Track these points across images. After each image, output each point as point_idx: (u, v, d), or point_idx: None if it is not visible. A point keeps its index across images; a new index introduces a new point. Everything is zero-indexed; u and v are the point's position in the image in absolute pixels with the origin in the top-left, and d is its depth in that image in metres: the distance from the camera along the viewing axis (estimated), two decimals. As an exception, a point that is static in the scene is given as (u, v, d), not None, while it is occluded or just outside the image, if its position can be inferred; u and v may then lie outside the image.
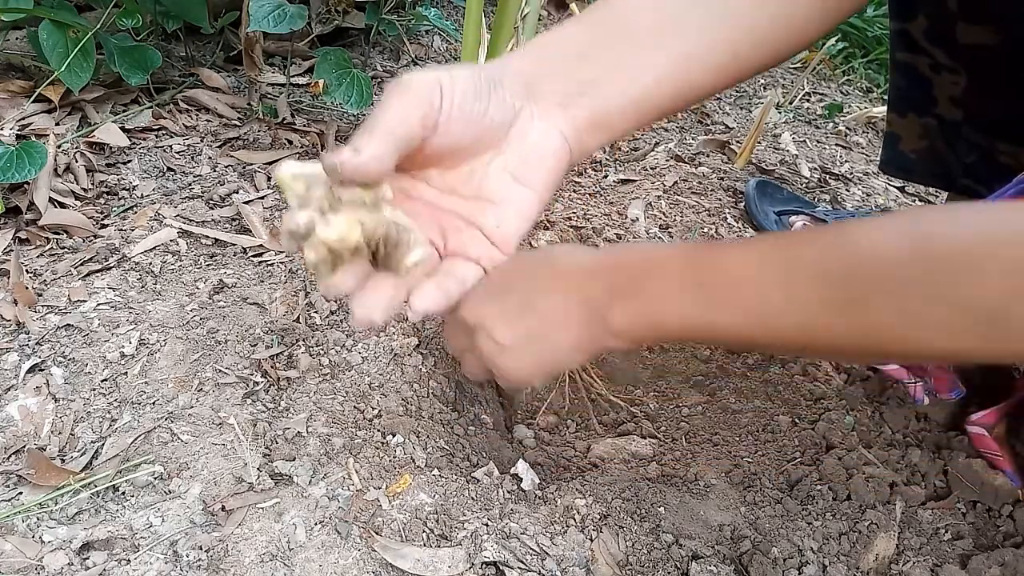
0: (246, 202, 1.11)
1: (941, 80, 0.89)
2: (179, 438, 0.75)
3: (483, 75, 0.52)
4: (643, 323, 0.53)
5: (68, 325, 0.87)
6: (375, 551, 0.66)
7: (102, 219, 1.05)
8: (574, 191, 1.27)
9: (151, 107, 1.25)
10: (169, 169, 1.16)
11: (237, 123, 1.29)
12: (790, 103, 1.78)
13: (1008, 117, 0.86)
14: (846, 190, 1.44)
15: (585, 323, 0.54)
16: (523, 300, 0.55)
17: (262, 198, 1.13)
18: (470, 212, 0.55)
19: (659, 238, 1.16)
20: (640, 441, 0.84)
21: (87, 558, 0.65)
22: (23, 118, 1.14)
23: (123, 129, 1.18)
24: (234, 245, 1.02)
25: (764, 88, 1.86)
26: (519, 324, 0.55)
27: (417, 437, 0.78)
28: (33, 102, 1.15)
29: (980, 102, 0.88)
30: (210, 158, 1.20)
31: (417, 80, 0.48)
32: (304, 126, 1.30)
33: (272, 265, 0.99)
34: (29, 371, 0.81)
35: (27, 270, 0.94)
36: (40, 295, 0.91)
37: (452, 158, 0.53)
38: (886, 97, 1.18)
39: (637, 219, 1.20)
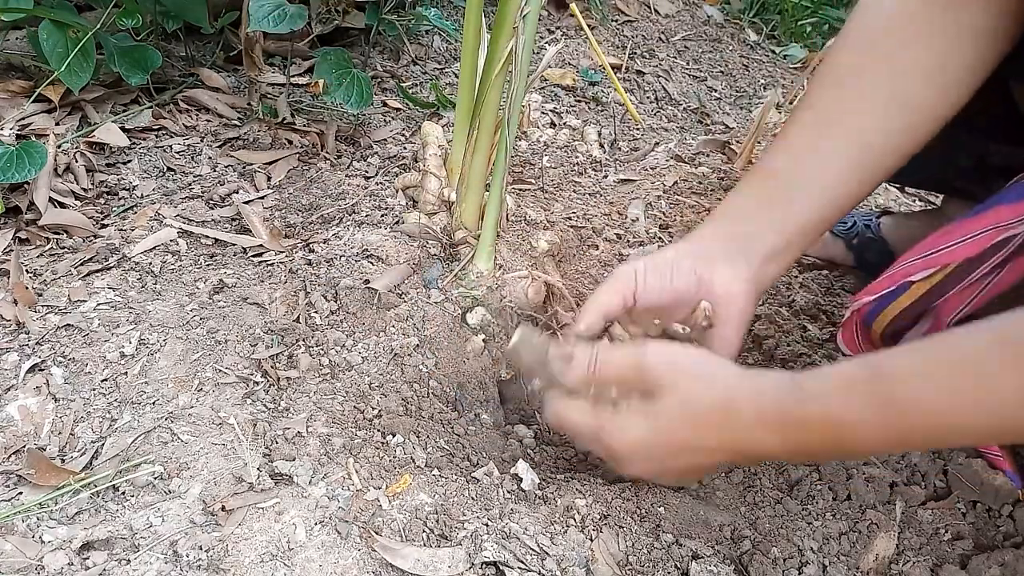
0: (246, 202, 1.11)
1: None
2: (179, 438, 0.75)
3: (668, 259, 0.72)
4: (797, 454, 0.71)
5: (68, 325, 0.87)
6: (375, 551, 0.66)
7: (102, 219, 1.05)
8: (574, 191, 1.27)
9: (151, 107, 1.25)
10: (169, 169, 1.16)
11: (237, 123, 1.29)
12: (790, 103, 1.78)
13: (998, 119, 0.86)
14: (846, 190, 1.44)
15: (730, 457, 0.63)
16: (670, 453, 0.63)
17: (262, 198, 1.13)
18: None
19: (659, 238, 1.16)
20: (640, 441, 0.84)
21: (87, 558, 0.65)
22: (23, 118, 1.14)
23: (123, 129, 1.18)
24: (234, 245, 1.02)
25: (764, 88, 1.86)
26: (662, 466, 0.65)
27: (417, 437, 0.78)
28: (33, 102, 1.15)
29: (970, 104, 0.88)
30: (210, 158, 1.20)
31: (620, 269, 0.72)
32: (304, 126, 1.30)
33: (272, 265, 0.99)
34: (29, 371, 0.81)
35: (27, 270, 0.94)
36: (40, 295, 0.91)
37: (656, 315, 0.74)
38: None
39: (637, 219, 1.20)
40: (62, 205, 1.04)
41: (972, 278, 0.67)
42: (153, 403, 0.79)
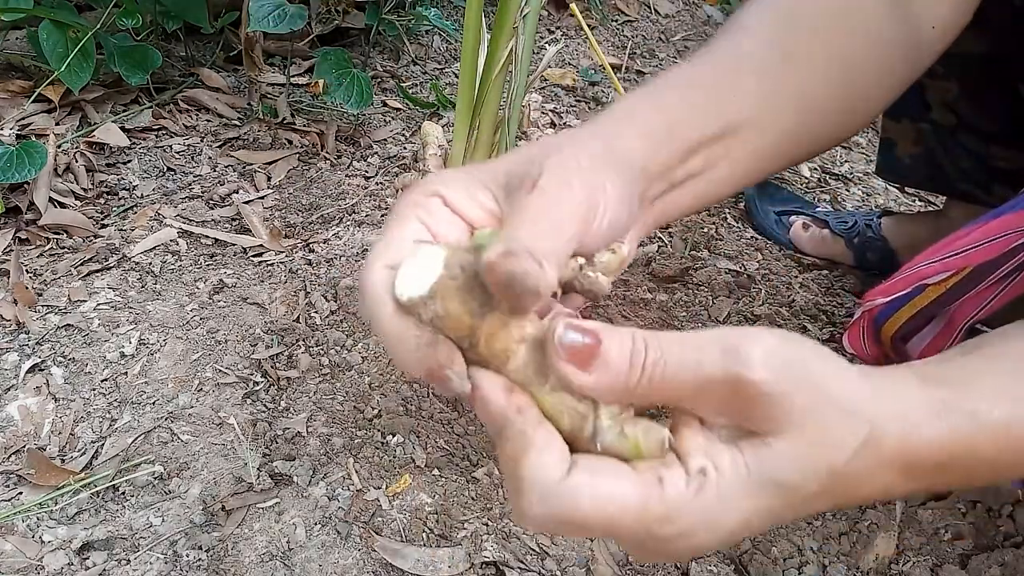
0: (246, 202, 1.11)
1: (935, 85, 0.89)
2: (179, 438, 0.75)
3: (620, 170, 0.44)
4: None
5: (68, 325, 0.87)
6: (375, 551, 0.66)
7: (102, 219, 1.05)
8: (574, 191, 1.27)
9: (151, 107, 1.25)
10: (169, 169, 1.16)
11: (237, 123, 1.29)
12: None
13: (1001, 123, 0.86)
14: (846, 190, 1.44)
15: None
16: (760, 528, 0.39)
17: (262, 198, 1.13)
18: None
19: (659, 238, 1.16)
20: (640, 441, 0.84)
21: (87, 558, 0.65)
22: (23, 118, 1.14)
23: (123, 129, 1.18)
24: (234, 245, 1.02)
25: (764, 88, 1.86)
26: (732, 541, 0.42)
27: (417, 437, 0.78)
28: (33, 102, 1.15)
29: (974, 108, 0.88)
30: (210, 158, 1.20)
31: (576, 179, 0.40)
32: (304, 126, 1.30)
33: (272, 265, 0.99)
34: (29, 371, 0.81)
35: (27, 270, 0.94)
36: (40, 295, 0.91)
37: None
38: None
39: (637, 219, 1.19)
40: (62, 205, 1.04)
41: (987, 282, 0.67)
42: (153, 403, 0.79)
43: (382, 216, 1.05)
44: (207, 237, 1.03)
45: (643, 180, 0.48)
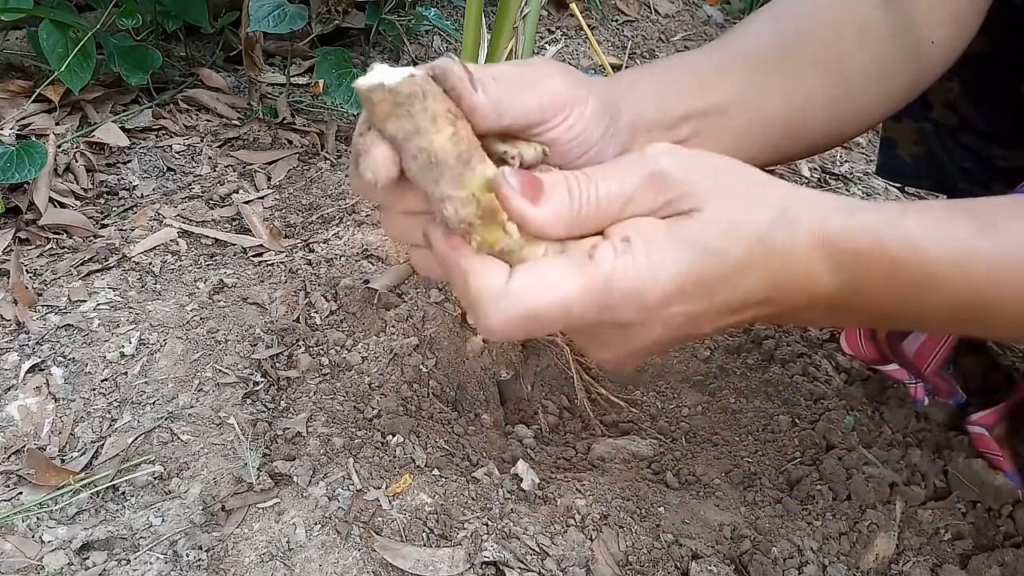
0: (246, 202, 1.11)
1: (936, 85, 0.89)
2: (179, 438, 0.75)
3: (609, 105, 0.48)
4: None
5: (68, 325, 0.87)
6: (375, 551, 0.66)
7: (102, 219, 1.05)
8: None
9: (151, 107, 1.25)
10: (169, 169, 1.16)
11: (237, 123, 1.29)
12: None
13: (1002, 122, 0.86)
14: (846, 190, 1.44)
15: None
16: (686, 329, 0.44)
17: (262, 198, 1.13)
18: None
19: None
20: (640, 441, 0.84)
21: (87, 558, 0.65)
22: (23, 118, 1.14)
23: (123, 129, 1.18)
24: (234, 245, 1.02)
25: (764, 88, 1.86)
26: (695, 329, 0.45)
27: (417, 437, 0.78)
28: (33, 102, 1.15)
29: (975, 108, 0.88)
30: (210, 158, 1.20)
31: (564, 76, 0.45)
32: (304, 126, 1.30)
33: (272, 265, 0.99)
34: (29, 371, 0.81)
35: (27, 270, 0.94)
36: (40, 295, 0.91)
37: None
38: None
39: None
40: (62, 205, 1.04)
41: None
42: (153, 403, 0.79)
43: (382, 216, 1.05)
44: (207, 237, 1.03)
45: (628, 130, 0.51)
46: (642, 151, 0.41)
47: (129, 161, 1.16)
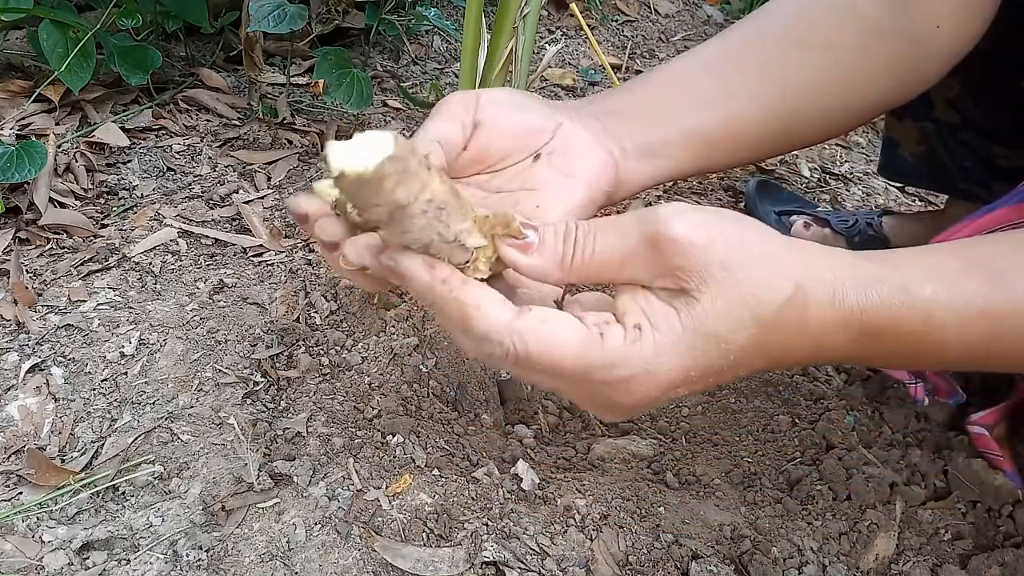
0: (246, 202, 1.11)
1: (938, 84, 0.89)
2: (179, 438, 0.75)
3: (521, 94, 0.54)
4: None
5: (68, 325, 0.87)
6: (375, 551, 0.66)
7: (102, 219, 1.05)
8: (574, 191, 1.27)
9: (151, 107, 1.25)
10: (169, 169, 1.16)
11: (237, 123, 1.29)
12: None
13: (1005, 122, 0.86)
14: (846, 190, 1.44)
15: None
16: (699, 387, 0.43)
17: (262, 198, 1.13)
18: (513, 201, 0.52)
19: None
20: (640, 441, 0.84)
21: (87, 558, 0.65)
22: (23, 118, 1.14)
23: (123, 129, 1.18)
24: (234, 245, 1.02)
25: (764, 88, 1.86)
26: (673, 396, 0.44)
27: (417, 437, 0.78)
28: (33, 102, 1.15)
29: (977, 107, 0.88)
30: (210, 158, 1.20)
31: (456, 95, 0.51)
32: (304, 126, 1.30)
33: (272, 265, 0.99)
34: (29, 371, 0.81)
35: (27, 270, 0.94)
36: (40, 295, 0.91)
37: (496, 160, 0.53)
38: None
39: (637, 219, 1.19)
40: (62, 205, 1.04)
41: None
42: (153, 403, 0.79)
43: (382, 216, 1.05)
44: (207, 237, 1.03)
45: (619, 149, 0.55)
46: (653, 210, 0.39)
47: (129, 161, 1.16)
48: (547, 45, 1.73)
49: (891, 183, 1.47)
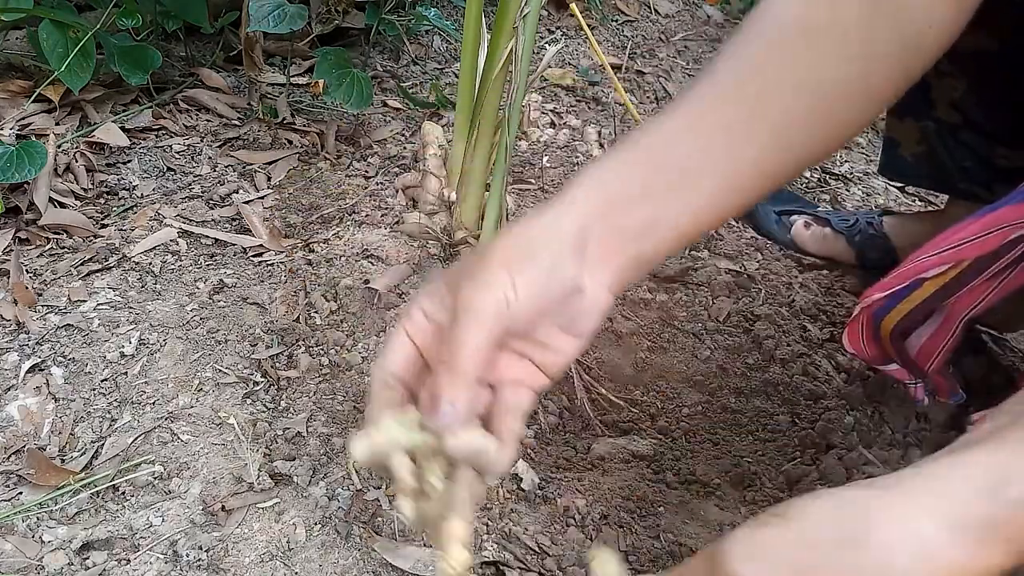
0: (246, 202, 1.11)
1: (940, 84, 0.89)
2: (179, 438, 0.75)
3: (546, 267, 0.50)
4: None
5: (68, 325, 0.87)
6: (375, 551, 0.66)
7: (102, 219, 1.05)
8: (574, 191, 1.27)
9: (151, 107, 1.25)
10: (169, 169, 1.16)
11: (237, 123, 1.29)
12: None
13: (1006, 122, 0.86)
14: (846, 190, 1.44)
15: None
16: None
17: (262, 198, 1.13)
18: (521, 349, 0.53)
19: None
20: (640, 441, 0.84)
21: (87, 558, 0.65)
22: (23, 118, 1.14)
23: (123, 129, 1.18)
24: (234, 245, 1.02)
25: (764, 88, 1.86)
26: None
27: (417, 437, 0.78)
28: (33, 102, 1.15)
29: (979, 107, 0.88)
30: (210, 158, 1.20)
31: (483, 300, 0.47)
32: (304, 126, 1.30)
33: (272, 265, 0.99)
34: (29, 371, 0.81)
35: (27, 270, 0.94)
36: (40, 295, 0.91)
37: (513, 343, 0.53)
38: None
39: (637, 219, 1.19)
40: (62, 205, 1.04)
41: (984, 276, 0.67)
42: (153, 403, 0.79)
43: (382, 216, 1.05)
44: (207, 237, 1.03)
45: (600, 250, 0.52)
46: (719, 546, 0.36)
47: (129, 161, 1.16)
48: (547, 45, 1.73)
49: (891, 183, 1.47)
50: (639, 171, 0.54)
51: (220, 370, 0.83)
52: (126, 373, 0.82)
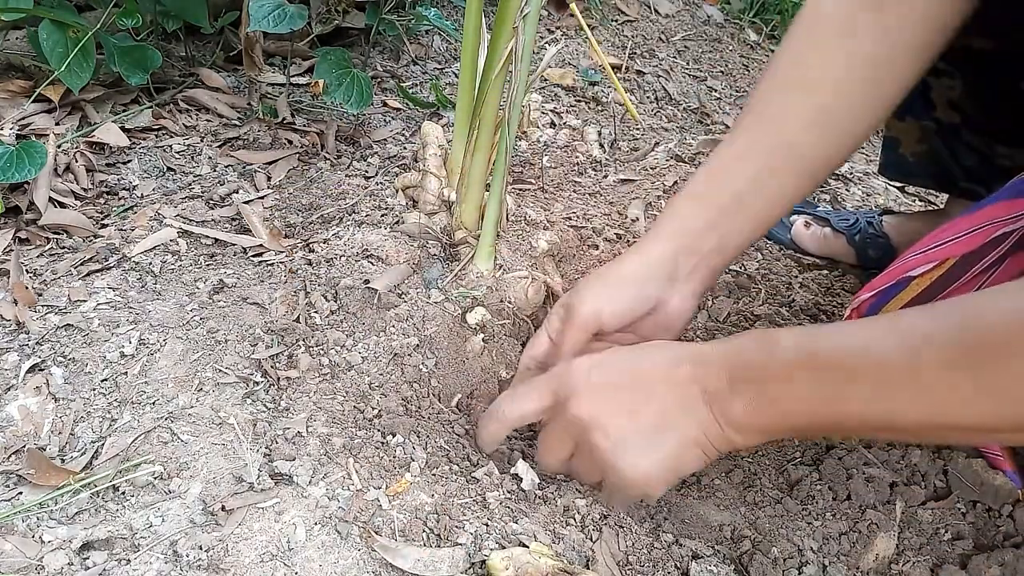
0: (246, 202, 1.11)
1: (939, 84, 0.89)
2: (179, 438, 0.75)
3: (631, 285, 0.74)
4: (768, 415, 0.56)
5: (68, 325, 0.87)
6: (375, 551, 0.66)
7: (102, 219, 1.05)
8: (574, 191, 1.27)
9: (151, 107, 1.26)
10: (169, 169, 1.16)
11: (237, 123, 1.29)
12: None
13: (1005, 121, 0.86)
14: (846, 190, 1.44)
15: (705, 415, 0.58)
16: (638, 392, 0.59)
17: (262, 198, 1.13)
18: (623, 341, 0.76)
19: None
20: (640, 441, 0.84)
21: (87, 558, 0.65)
22: (23, 118, 1.14)
23: (123, 129, 1.18)
24: (234, 245, 1.02)
25: (764, 88, 1.86)
26: (636, 416, 0.59)
27: (417, 437, 0.78)
28: (33, 102, 1.15)
29: (977, 106, 0.88)
30: (210, 158, 1.20)
31: (582, 311, 0.74)
32: (304, 126, 1.30)
33: (272, 265, 0.99)
34: (29, 371, 0.81)
35: (27, 270, 0.94)
36: (40, 295, 0.91)
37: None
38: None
39: (637, 219, 1.20)
40: (62, 205, 1.04)
41: (971, 273, 0.67)
42: (153, 403, 0.79)
43: (382, 216, 1.05)
44: (207, 237, 1.03)
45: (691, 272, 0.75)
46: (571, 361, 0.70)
47: (129, 161, 1.16)
48: (547, 45, 1.74)
49: (891, 183, 1.47)
50: (705, 204, 0.74)
51: (220, 370, 0.83)
52: (126, 373, 0.82)
